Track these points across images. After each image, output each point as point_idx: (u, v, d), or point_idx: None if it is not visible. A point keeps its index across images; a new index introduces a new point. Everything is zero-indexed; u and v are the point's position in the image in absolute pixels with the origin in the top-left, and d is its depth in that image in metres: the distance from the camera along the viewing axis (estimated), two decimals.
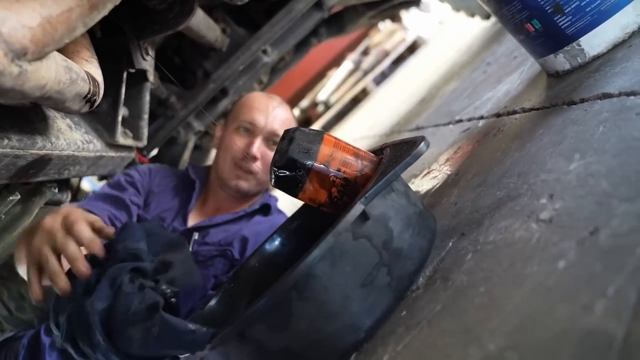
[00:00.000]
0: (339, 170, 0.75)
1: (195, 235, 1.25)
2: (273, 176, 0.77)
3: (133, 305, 0.67)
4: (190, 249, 1.23)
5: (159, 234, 0.86)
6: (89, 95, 0.80)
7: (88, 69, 0.83)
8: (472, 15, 2.73)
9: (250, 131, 1.33)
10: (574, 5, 0.83)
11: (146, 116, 1.34)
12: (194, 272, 0.83)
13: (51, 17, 0.56)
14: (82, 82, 0.76)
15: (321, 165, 0.74)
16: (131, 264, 0.72)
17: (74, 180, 1.77)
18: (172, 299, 0.75)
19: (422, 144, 0.66)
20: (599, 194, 0.49)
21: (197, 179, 1.42)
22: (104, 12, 0.64)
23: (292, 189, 0.76)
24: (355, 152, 0.77)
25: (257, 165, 1.30)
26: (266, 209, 1.38)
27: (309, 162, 0.73)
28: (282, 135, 0.78)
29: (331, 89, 7.85)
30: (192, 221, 1.34)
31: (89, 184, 2.49)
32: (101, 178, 1.94)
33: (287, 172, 0.74)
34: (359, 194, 0.66)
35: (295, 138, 0.75)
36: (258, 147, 1.30)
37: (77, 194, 1.87)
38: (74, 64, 0.76)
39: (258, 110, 1.34)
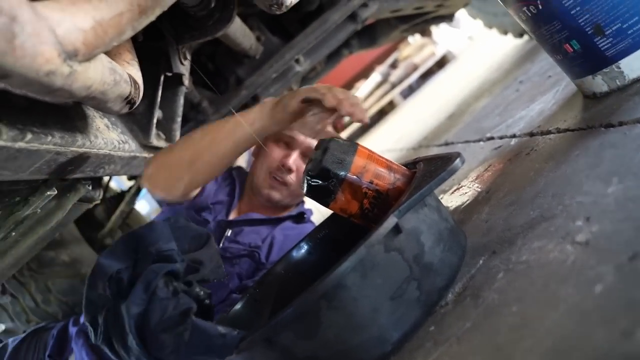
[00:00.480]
0: (371, 183, 0.75)
1: (228, 232, 1.27)
2: (306, 185, 0.77)
3: (168, 310, 0.68)
4: (221, 244, 1.26)
5: (184, 227, 0.88)
6: (129, 97, 0.82)
7: (129, 71, 0.85)
8: (505, 32, 2.71)
9: (289, 144, 1.35)
10: (615, 28, 0.83)
11: (179, 119, 1.37)
12: (220, 265, 0.86)
13: (103, 20, 0.58)
14: (124, 83, 0.78)
15: (354, 177, 0.74)
16: (165, 267, 0.73)
17: (104, 179, 1.80)
18: (206, 301, 0.76)
19: (458, 160, 0.66)
20: (638, 219, 0.49)
21: (238, 181, 1.46)
22: (152, 17, 0.66)
23: (324, 199, 0.77)
24: (388, 165, 0.78)
25: (291, 177, 1.31)
26: (301, 217, 1.40)
27: (342, 173, 0.74)
28: (317, 144, 0.79)
29: None
30: (232, 217, 1.38)
31: (116, 184, 2.53)
32: (130, 178, 1.98)
33: (320, 182, 0.75)
34: (391, 207, 0.66)
35: (330, 148, 0.76)
36: (294, 160, 1.32)
37: (106, 192, 1.91)
38: (118, 65, 0.78)
39: None
